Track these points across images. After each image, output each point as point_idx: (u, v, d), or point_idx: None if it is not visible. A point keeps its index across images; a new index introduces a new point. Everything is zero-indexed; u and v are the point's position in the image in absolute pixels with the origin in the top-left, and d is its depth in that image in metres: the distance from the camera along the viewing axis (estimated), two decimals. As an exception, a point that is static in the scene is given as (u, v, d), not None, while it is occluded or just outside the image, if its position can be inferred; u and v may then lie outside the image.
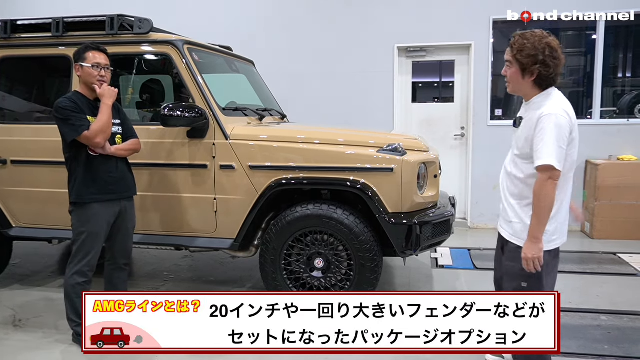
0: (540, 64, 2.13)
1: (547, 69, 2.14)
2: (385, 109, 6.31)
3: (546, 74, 2.15)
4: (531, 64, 2.14)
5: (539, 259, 2.14)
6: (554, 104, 2.14)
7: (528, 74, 2.17)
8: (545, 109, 2.12)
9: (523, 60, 2.15)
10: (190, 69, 3.48)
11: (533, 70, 2.15)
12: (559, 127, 2.08)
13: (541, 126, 2.09)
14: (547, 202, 2.11)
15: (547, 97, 2.19)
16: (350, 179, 3.28)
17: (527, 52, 2.13)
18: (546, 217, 2.13)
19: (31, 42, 3.81)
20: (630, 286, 4.15)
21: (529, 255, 2.15)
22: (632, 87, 6.51)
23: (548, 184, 2.09)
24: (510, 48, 2.21)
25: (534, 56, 2.13)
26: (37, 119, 4.00)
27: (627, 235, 5.60)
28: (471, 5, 6.06)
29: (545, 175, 2.09)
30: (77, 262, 3.01)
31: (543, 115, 2.10)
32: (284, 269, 3.43)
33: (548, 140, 2.07)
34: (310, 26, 6.46)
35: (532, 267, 2.16)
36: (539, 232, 2.13)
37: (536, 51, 2.12)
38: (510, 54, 2.20)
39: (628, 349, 3.03)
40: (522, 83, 2.21)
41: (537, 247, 2.13)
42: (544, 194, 2.10)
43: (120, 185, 3.09)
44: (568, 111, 2.13)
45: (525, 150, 2.19)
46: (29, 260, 4.96)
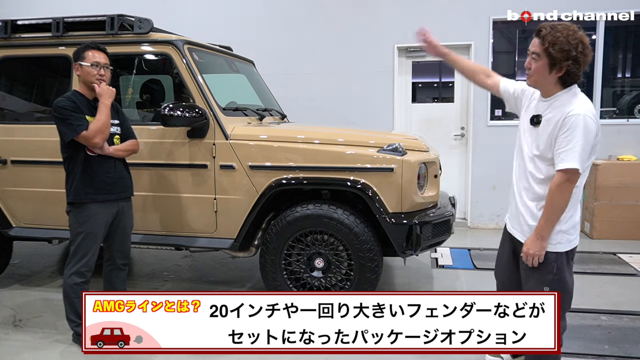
0: (572, 59, 2.03)
1: (577, 65, 2.05)
2: (385, 109, 6.32)
3: (575, 71, 2.06)
4: (563, 60, 2.03)
5: (540, 256, 2.16)
6: (582, 103, 2.06)
7: (556, 69, 2.06)
8: (573, 107, 2.03)
9: (555, 54, 2.03)
10: (191, 68, 3.48)
11: (563, 66, 2.05)
12: (587, 129, 2.01)
13: (569, 126, 2.01)
14: (562, 203, 2.09)
15: (573, 95, 2.10)
16: (351, 179, 3.28)
17: (560, 47, 2.02)
18: (557, 217, 2.11)
19: (31, 42, 3.81)
20: (630, 286, 4.15)
21: (531, 251, 2.16)
22: (632, 87, 6.51)
23: (567, 186, 2.05)
24: (540, 40, 2.07)
25: (567, 51, 2.02)
26: (37, 119, 4.00)
27: (627, 235, 5.61)
28: (471, 5, 6.06)
29: (565, 177, 2.04)
30: (75, 262, 3.00)
31: (571, 115, 2.01)
32: (284, 269, 3.43)
33: (576, 143, 2.00)
34: (310, 26, 6.46)
35: (532, 262, 2.18)
36: (547, 231, 2.12)
37: (569, 46, 2.02)
38: (541, 47, 2.07)
39: (628, 349, 3.03)
40: (547, 77, 2.10)
41: (541, 245, 2.14)
42: (560, 196, 2.07)
43: (118, 185, 3.09)
44: (595, 113, 2.07)
45: (548, 151, 2.11)
46: (29, 260, 4.96)
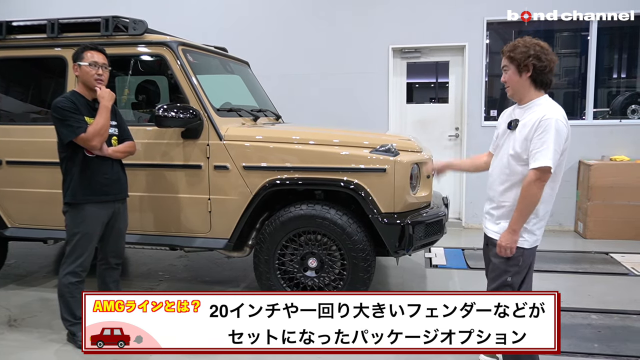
0: (534, 57, 2.22)
1: (541, 62, 2.23)
2: (380, 110, 6.34)
3: (541, 67, 2.23)
4: (524, 58, 2.23)
5: (511, 249, 2.30)
6: (554, 109, 2.22)
7: (524, 70, 2.26)
8: (546, 112, 2.20)
9: (517, 56, 2.25)
10: (185, 70, 3.50)
11: (528, 65, 2.24)
12: (559, 132, 2.17)
13: (542, 128, 2.17)
14: (534, 199, 2.23)
15: (546, 103, 2.28)
16: (344, 179, 3.30)
17: (519, 50, 2.25)
18: (529, 213, 2.25)
19: (26, 43, 3.82)
20: (621, 285, 4.19)
21: (503, 244, 2.30)
22: (626, 87, 6.56)
23: (538, 184, 2.20)
24: (504, 55, 2.33)
25: (526, 51, 2.24)
26: (32, 120, 4.01)
27: (620, 235, 5.65)
28: (465, 6, 6.09)
29: (538, 175, 2.19)
30: (71, 262, 3.02)
31: (545, 118, 2.17)
32: (278, 269, 3.46)
33: (549, 144, 2.15)
34: (305, 27, 6.48)
35: (504, 254, 2.32)
36: (519, 225, 2.27)
37: (527, 48, 2.24)
38: (506, 59, 2.31)
39: (617, 347, 3.07)
40: (520, 82, 2.29)
41: (513, 239, 2.29)
42: (532, 192, 2.21)
43: (115, 187, 3.11)
44: (566, 118, 2.23)
45: (524, 152, 2.26)
46: (25, 261, 4.97)
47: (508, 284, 2.34)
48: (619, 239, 5.62)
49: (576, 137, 6.02)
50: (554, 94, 6.84)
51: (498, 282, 2.38)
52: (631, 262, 4.78)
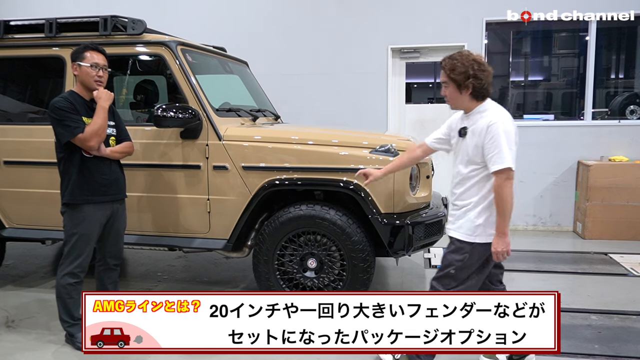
0: (472, 77, 2.34)
1: (480, 81, 2.35)
2: (379, 110, 6.34)
3: (479, 85, 2.36)
4: (465, 79, 2.35)
5: (507, 251, 2.35)
6: (497, 112, 2.37)
7: (464, 89, 2.38)
8: (491, 118, 2.33)
9: (456, 77, 2.37)
10: (184, 69, 3.49)
11: (468, 85, 2.36)
12: (507, 132, 2.30)
13: (492, 134, 2.30)
14: (509, 200, 2.32)
15: (488, 107, 2.41)
16: (343, 180, 3.29)
17: (458, 70, 2.36)
18: (510, 213, 2.33)
19: (24, 43, 3.81)
20: (620, 286, 4.19)
21: (499, 249, 2.35)
22: (624, 88, 6.57)
23: (507, 184, 2.30)
24: (442, 70, 2.43)
25: (465, 72, 2.35)
26: (30, 120, 4.00)
27: (619, 236, 5.65)
28: (464, 6, 6.09)
29: (503, 177, 2.30)
30: (69, 263, 3.01)
31: (492, 124, 2.31)
32: (277, 269, 3.44)
33: (502, 146, 2.28)
34: (304, 27, 6.47)
35: (502, 258, 2.37)
36: (506, 227, 2.34)
37: (466, 68, 2.34)
38: (445, 76, 2.42)
39: (617, 348, 3.06)
40: (460, 98, 2.42)
41: (505, 241, 2.34)
42: (505, 194, 2.31)
43: (113, 187, 3.09)
44: (510, 118, 2.38)
45: (476, 156, 2.38)
46: (22, 261, 4.95)
47: (451, 276, 2.43)
48: (617, 240, 5.62)
49: (575, 137, 6.10)
50: (553, 94, 6.85)
51: (442, 272, 2.48)
52: (630, 263, 4.78)
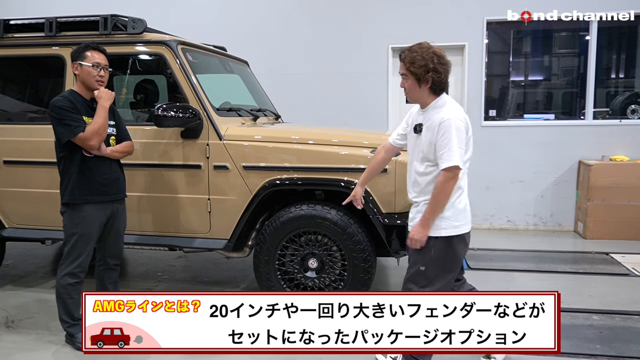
0: (432, 71, 2.33)
1: (439, 74, 2.35)
2: (380, 110, 6.33)
3: (439, 79, 2.35)
4: (424, 73, 2.34)
5: (421, 241, 2.39)
6: (451, 109, 2.35)
7: (424, 82, 2.36)
8: (443, 114, 2.33)
9: (416, 70, 2.34)
10: (184, 69, 3.48)
11: (427, 78, 2.34)
12: (458, 130, 2.31)
13: (443, 130, 2.30)
14: (446, 197, 2.36)
15: (443, 104, 2.40)
16: (344, 180, 3.29)
17: (418, 64, 2.34)
18: (441, 210, 2.37)
19: (24, 42, 3.80)
20: (622, 286, 4.18)
21: (416, 237, 2.40)
22: (625, 87, 6.56)
23: (451, 182, 2.33)
24: (402, 62, 2.40)
25: (425, 65, 2.33)
26: (29, 119, 3.98)
27: (620, 235, 5.64)
28: (465, 6, 6.08)
29: (449, 175, 2.32)
30: (69, 263, 3.00)
31: (443, 120, 2.31)
32: (278, 269, 3.44)
33: (452, 144, 2.29)
34: (305, 27, 6.46)
35: (414, 246, 2.42)
36: (431, 220, 2.38)
37: (425, 61, 2.33)
38: (404, 68, 2.40)
39: (619, 348, 3.05)
40: (419, 92, 2.41)
41: (424, 232, 2.39)
42: (445, 191, 2.34)
43: (113, 187, 3.08)
44: (463, 114, 2.38)
45: (430, 153, 2.39)
46: (22, 261, 4.94)
47: (421, 273, 2.43)
48: (619, 239, 5.61)
49: (576, 137, 6.10)
50: (553, 94, 6.84)
51: (412, 270, 2.47)
52: (631, 263, 4.77)
